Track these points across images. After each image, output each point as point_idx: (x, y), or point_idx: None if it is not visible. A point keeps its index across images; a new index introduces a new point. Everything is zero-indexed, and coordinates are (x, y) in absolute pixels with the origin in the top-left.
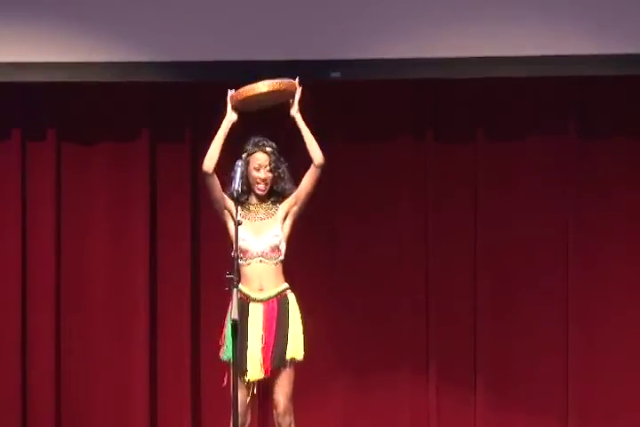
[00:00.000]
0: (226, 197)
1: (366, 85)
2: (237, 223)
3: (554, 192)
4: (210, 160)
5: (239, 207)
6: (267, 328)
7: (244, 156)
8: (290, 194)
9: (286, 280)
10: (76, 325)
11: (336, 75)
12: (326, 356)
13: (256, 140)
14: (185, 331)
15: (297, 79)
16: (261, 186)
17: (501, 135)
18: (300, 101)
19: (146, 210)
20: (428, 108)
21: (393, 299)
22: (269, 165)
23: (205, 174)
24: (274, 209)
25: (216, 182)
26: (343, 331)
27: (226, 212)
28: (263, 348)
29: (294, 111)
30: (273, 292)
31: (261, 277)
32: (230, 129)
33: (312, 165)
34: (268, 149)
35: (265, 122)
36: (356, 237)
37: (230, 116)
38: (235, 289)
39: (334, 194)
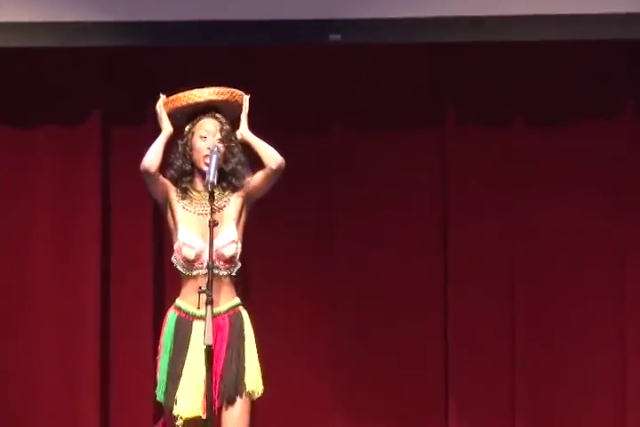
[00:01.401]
0: (168, 184)
1: (371, 51)
2: (212, 224)
3: (614, 190)
4: (152, 158)
5: (179, 194)
6: (215, 351)
7: (186, 129)
8: (243, 181)
9: (240, 295)
10: (16, 336)
11: (336, 37)
12: (321, 394)
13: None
14: (144, 348)
15: (247, 96)
16: (207, 160)
17: (544, 116)
18: (247, 116)
19: (97, 204)
20: (448, 81)
21: (406, 325)
22: (220, 132)
23: (146, 174)
24: (225, 199)
25: (159, 177)
26: (342, 364)
27: (167, 204)
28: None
29: (242, 129)
30: (223, 307)
31: (209, 291)
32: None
33: (266, 168)
34: (219, 116)
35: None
36: (357, 246)
37: (165, 129)
38: (209, 307)
39: (330, 190)
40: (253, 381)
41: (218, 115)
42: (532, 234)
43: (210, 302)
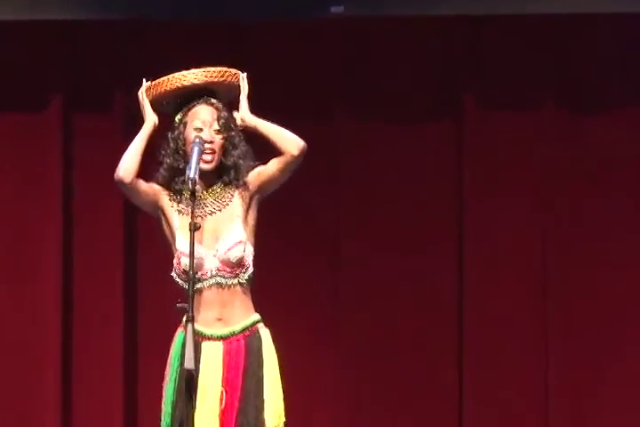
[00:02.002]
0: (157, 188)
1: (379, 25)
2: (193, 227)
3: None
4: (127, 165)
5: (173, 197)
6: (229, 380)
7: (178, 119)
8: (247, 175)
9: (259, 310)
10: None
11: (338, 10)
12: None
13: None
14: (115, 368)
15: (243, 74)
16: (206, 156)
17: (578, 101)
18: (247, 99)
19: (58, 207)
20: (466, 59)
21: (419, 342)
22: (218, 121)
23: (122, 184)
24: (227, 196)
25: (139, 185)
26: (348, 393)
27: (160, 212)
28: (223, 411)
29: (243, 113)
30: (238, 326)
31: (220, 304)
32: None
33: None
34: (216, 102)
35: None
36: (364, 248)
37: (150, 119)
38: (189, 326)
39: (335, 184)
40: (275, 415)
41: (213, 100)
42: (565, 231)
43: (190, 320)
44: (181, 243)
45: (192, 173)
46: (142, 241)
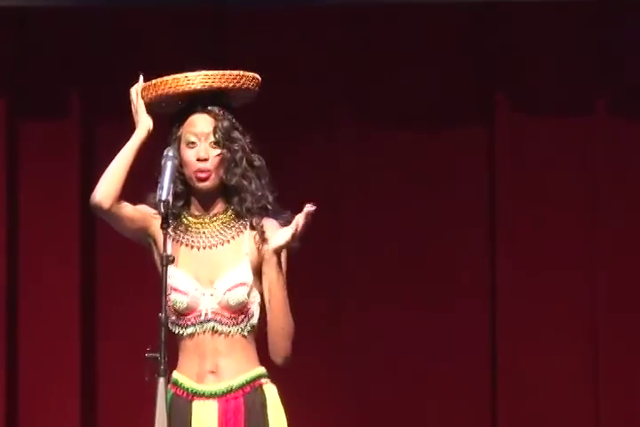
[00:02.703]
0: (146, 212)
1: (387, 14)
2: (165, 260)
3: None
4: (107, 187)
5: (170, 225)
6: None
7: (175, 132)
8: (259, 201)
9: (264, 363)
10: None
11: None
12: None
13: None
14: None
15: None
16: (202, 174)
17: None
18: None
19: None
20: (498, 54)
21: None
22: (215, 134)
23: (99, 211)
24: (236, 228)
25: (122, 211)
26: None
27: (150, 240)
28: None
29: (276, 247)
30: (236, 380)
31: (215, 354)
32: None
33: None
34: (214, 108)
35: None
36: (375, 279)
37: (144, 124)
38: (162, 380)
39: (338, 207)
40: None
41: (212, 107)
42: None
43: (163, 374)
44: (174, 277)
45: (164, 193)
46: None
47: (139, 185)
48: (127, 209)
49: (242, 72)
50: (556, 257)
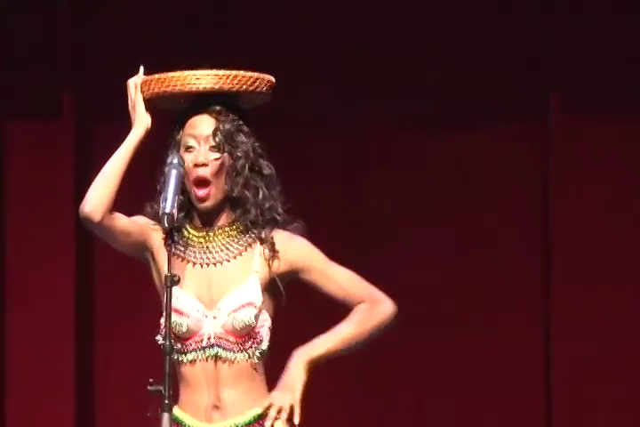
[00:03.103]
0: (143, 224)
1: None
2: (170, 281)
3: None
4: (97, 197)
5: (175, 241)
6: None
7: (175, 135)
8: (267, 213)
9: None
10: None
11: None
12: None
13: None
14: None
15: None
16: (201, 191)
17: None
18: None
19: None
20: (551, 47)
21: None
22: (214, 137)
23: (89, 224)
24: (244, 242)
25: (116, 224)
26: None
27: (148, 255)
28: None
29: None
30: (243, 417)
31: (218, 385)
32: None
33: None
34: (215, 108)
35: None
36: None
37: (141, 121)
38: (166, 417)
39: (366, 219)
40: None
41: (214, 107)
42: None
43: (167, 409)
44: (173, 296)
45: (168, 206)
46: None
47: (136, 192)
48: (121, 221)
49: (256, 74)
50: (614, 270)
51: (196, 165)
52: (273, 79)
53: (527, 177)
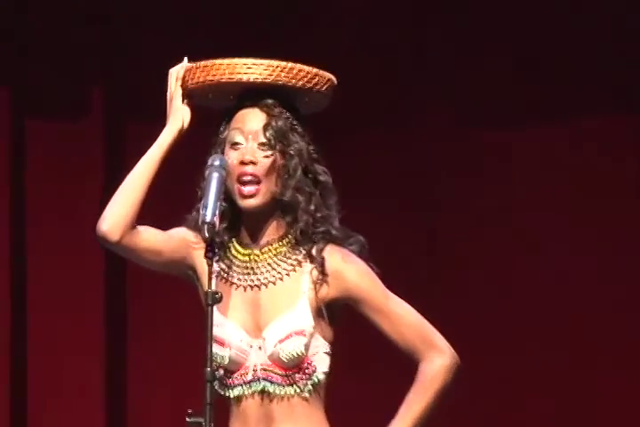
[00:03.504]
0: (181, 238)
1: None
2: (212, 298)
3: None
4: (116, 213)
5: (216, 254)
6: None
7: (222, 131)
8: (319, 224)
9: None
10: None
11: None
12: None
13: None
14: None
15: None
16: (248, 188)
17: None
18: None
19: None
20: None
21: None
22: (265, 132)
23: (106, 243)
24: (293, 260)
25: (139, 241)
26: None
27: (191, 273)
28: None
29: None
30: None
31: (268, 423)
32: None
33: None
34: (268, 102)
35: None
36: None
37: (177, 117)
38: None
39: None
40: None
41: (267, 100)
42: None
43: None
44: (216, 323)
45: (208, 214)
46: None
47: (176, 200)
48: (148, 238)
49: (315, 69)
50: None
51: (243, 163)
52: (334, 79)
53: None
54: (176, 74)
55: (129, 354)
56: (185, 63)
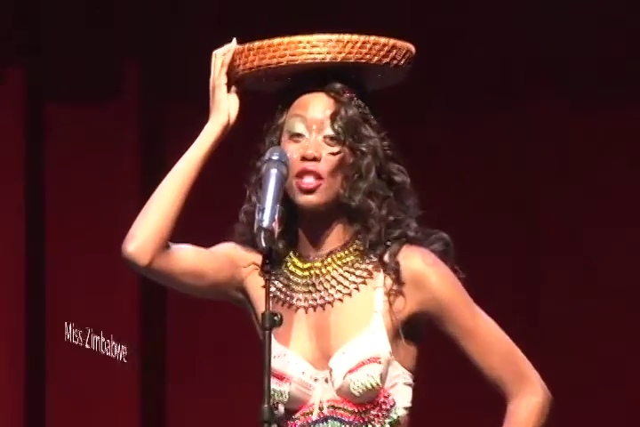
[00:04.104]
0: (225, 255)
1: None
2: (269, 321)
3: None
4: (146, 235)
5: (274, 267)
6: None
7: (277, 119)
8: (394, 230)
9: None
10: None
11: None
12: None
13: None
14: None
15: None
16: (308, 179)
17: None
18: None
19: None
20: None
21: None
22: (333, 123)
23: (134, 267)
24: (362, 271)
25: (174, 264)
26: None
27: (240, 295)
28: None
29: None
30: None
31: None
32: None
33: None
34: (335, 86)
35: None
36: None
37: (222, 110)
38: None
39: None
40: None
41: (334, 84)
42: None
43: None
44: (274, 353)
45: (266, 219)
46: None
47: (217, 205)
48: (184, 257)
49: (392, 41)
50: None
51: (305, 159)
52: (413, 48)
53: None
54: (222, 58)
55: (167, 395)
56: (233, 45)
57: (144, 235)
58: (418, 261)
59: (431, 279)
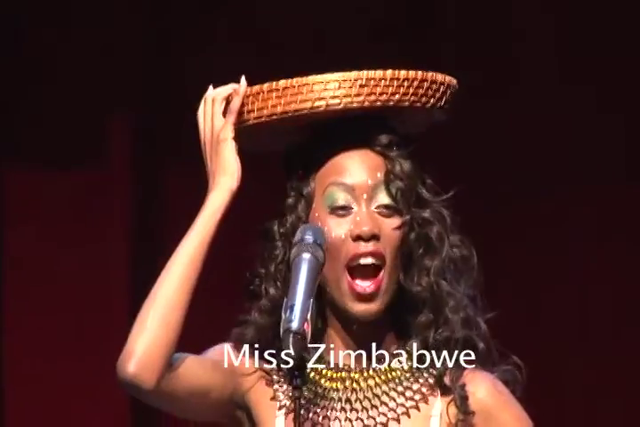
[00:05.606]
0: (228, 369)
1: None
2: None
3: None
4: (149, 352)
5: (277, 379)
6: None
7: (294, 186)
8: (464, 330)
9: None
10: None
11: None
12: None
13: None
14: None
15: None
16: (365, 259)
17: None
18: None
19: None
20: None
21: None
22: (388, 186)
23: (135, 390)
24: (413, 389)
25: (180, 381)
26: None
27: (239, 414)
28: None
29: None
30: None
31: None
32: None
33: None
34: (381, 138)
35: None
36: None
37: (226, 179)
38: None
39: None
40: None
41: (381, 137)
42: None
43: None
44: None
45: (296, 320)
46: None
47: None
48: (189, 371)
49: (440, 76)
50: None
51: (360, 238)
52: (455, 81)
53: None
54: (222, 102)
55: None
56: (243, 85)
57: (148, 350)
58: (491, 394)
59: (502, 416)
